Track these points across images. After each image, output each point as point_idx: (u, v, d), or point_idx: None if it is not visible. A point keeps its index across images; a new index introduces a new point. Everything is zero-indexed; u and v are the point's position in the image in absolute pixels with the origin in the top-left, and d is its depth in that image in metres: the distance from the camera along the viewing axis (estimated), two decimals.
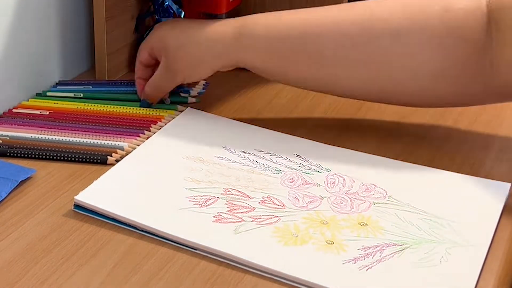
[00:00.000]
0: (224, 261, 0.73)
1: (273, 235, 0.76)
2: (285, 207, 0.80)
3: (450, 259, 0.73)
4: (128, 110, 0.98)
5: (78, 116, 0.96)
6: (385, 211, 0.80)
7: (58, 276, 0.70)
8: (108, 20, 1.05)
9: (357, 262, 0.72)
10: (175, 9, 1.11)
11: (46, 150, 0.89)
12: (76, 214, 0.79)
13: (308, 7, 1.16)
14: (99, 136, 0.92)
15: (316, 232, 0.76)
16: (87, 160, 0.88)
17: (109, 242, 0.75)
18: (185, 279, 0.70)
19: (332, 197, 0.82)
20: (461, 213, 0.79)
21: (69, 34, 1.08)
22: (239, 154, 0.89)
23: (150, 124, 0.95)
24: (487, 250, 0.74)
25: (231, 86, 1.08)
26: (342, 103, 1.03)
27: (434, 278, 0.70)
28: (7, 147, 0.89)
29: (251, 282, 0.70)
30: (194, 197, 0.81)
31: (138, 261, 0.72)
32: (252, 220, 0.78)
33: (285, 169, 0.87)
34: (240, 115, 1.00)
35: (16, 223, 0.77)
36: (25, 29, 0.99)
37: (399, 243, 0.75)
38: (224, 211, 0.79)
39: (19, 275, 0.70)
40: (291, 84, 0.97)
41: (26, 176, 0.84)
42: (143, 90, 0.99)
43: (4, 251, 0.73)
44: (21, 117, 0.96)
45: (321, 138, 0.94)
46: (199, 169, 0.86)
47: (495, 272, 0.72)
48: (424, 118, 1.00)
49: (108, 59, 1.07)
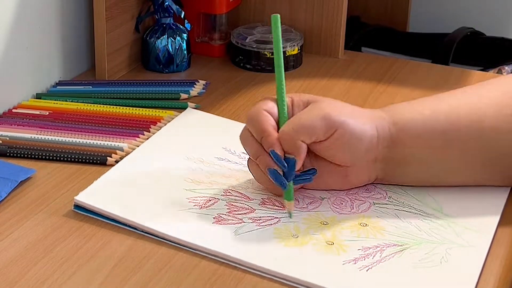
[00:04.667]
0: (224, 261, 0.72)
1: (273, 236, 0.75)
2: (285, 208, 0.80)
3: (450, 260, 0.73)
4: (128, 111, 0.98)
5: (78, 117, 0.96)
6: (385, 212, 0.80)
7: (58, 276, 0.70)
8: (108, 20, 1.05)
9: (357, 263, 0.72)
10: (175, 9, 1.11)
11: (46, 150, 0.89)
12: (76, 214, 0.79)
13: (308, 7, 1.17)
14: (99, 137, 0.92)
15: (316, 233, 0.76)
16: (87, 161, 0.88)
17: (109, 242, 0.75)
18: (185, 279, 0.70)
19: (332, 197, 0.82)
20: (461, 213, 0.79)
21: (69, 34, 1.08)
22: (239, 155, 0.89)
23: (150, 125, 0.95)
24: (487, 250, 0.74)
25: (231, 86, 1.08)
26: None
27: (434, 279, 0.70)
28: (7, 147, 0.89)
29: (251, 282, 0.70)
30: (194, 198, 0.81)
31: (138, 261, 0.72)
32: (252, 222, 0.78)
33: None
34: (240, 115, 1.00)
35: (16, 223, 0.77)
36: (25, 29, 0.99)
37: (399, 243, 0.75)
38: (224, 212, 0.79)
39: (19, 275, 0.70)
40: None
41: (26, 176, 0.84)
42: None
43: (4, 251, 0.73)
44: (21, 117, 0.96)
45: None
46: (199, 170, 0.86)
47: (495, 272, 0.72)
48: None
49: (108, 59, 1.07)
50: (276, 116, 0.79)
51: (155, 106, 1.01)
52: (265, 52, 1.12)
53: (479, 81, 1.10)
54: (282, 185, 0.78)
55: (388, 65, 1.16)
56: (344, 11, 1.15)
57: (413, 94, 1.06)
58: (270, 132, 0.78)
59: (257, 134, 0.78)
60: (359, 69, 1.14)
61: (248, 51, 1.12)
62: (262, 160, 0.78)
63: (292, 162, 0.77)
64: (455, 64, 1.27)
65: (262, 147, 0.78)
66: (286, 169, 0.77)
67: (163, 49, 1.10)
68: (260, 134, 0.78)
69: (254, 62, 1.12)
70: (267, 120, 0.78)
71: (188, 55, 1.12)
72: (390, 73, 1.13)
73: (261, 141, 0.78)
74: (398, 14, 1.44)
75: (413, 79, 1.11)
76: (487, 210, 0.80)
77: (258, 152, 0.78)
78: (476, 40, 1.33)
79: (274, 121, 0.79)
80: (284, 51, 1.12)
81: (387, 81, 1.11)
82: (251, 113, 0.79)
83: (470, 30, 1.34)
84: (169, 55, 1.11)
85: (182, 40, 1.11)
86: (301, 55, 1.15)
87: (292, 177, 0.78)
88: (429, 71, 1.14)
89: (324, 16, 1.16)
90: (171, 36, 1.11)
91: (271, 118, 0.79)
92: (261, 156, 0.78)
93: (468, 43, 1.32)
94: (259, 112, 0.79)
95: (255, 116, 0.79)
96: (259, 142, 0.78)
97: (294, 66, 1.14)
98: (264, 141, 0.78)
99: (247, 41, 1.13)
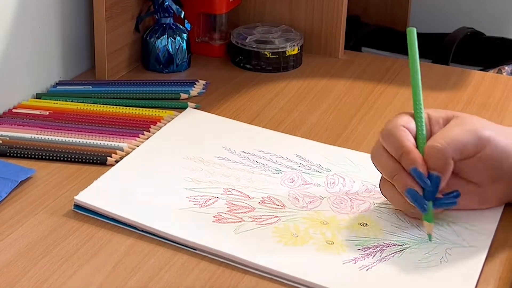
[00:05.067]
0: (224, 261, 0.72)
1: (273, 235, 0.76)
2: (285, 207, 0.80)
3: (450, 260, 0.73)
4: (128, 111, 0.98)
5: (78, 117, 0.96)
6: (385, 212, 0.80)
7: (58, 276, 0.70)
8: (108, 20, 1.05)
9: (357, 262, 0.72)
10: (175, 9, 1.11)
11: (46, 150, 0.89)
12: (76, 214, 0.79)
13: (308, 7, 1.17)
14: (99, 137, 0.92)
15: (316, 232, 0.76)
16: (87, 161, 0.88)
17: (109, 242, 0.75)
18: (185, 279, 0.70)
19: (332, 197, 0.82)
20: (461, 213, 0.79)
21: (69, 34, 1.08)
22: (239, 154, 0.89)
23: (150, 125, 0.95)
24: (487, 251, 0.74)
25: (231, 86, 1.08)
26: (342, 103, 1.04)
27: (434, 279, 0.70)
28: (7, 147, 0.89)
29: (251, 282, 0.70)
30: (194, 197, 0.81)
31: (138, 261, 0.72)
32: (252, 220, 0.78)
33: (285, 169, 0.87)
34: (240, 115, 1.00)
35: (16, 223, 0.77)
36: (25, 29, 0.99)
37: (399, 243, 0.75)
38: (224, 211, 0.79)
39: (19, 275, 0.70)
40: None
41: (26, 176, 0.84)
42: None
43: (4, 251, 0.73)
44: (21, 117, 0.96)
45: (321, 138, 0.94)
46: (199, 169, 0.86)
47: (495, 273, 0.72)
48: None
49: (108, 59, 1.07)
50: (414, 132, 0.74)
51: (155, 106, 1.01)
52: (265, 52, 1.12)
53: (479, 81, 1.10)
54: (422, 208, 0.72)
55: (388, 65, 1.16)
56: (344, 11, 1.15)
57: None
58: (411, 149, 0.72)
59: (396, 151, 0.73)
60: (359, 69, 1.14)
61: (248, 51, 1.12)
62: (399, 180, 0.73)
63: (436, 180, 0.72)
64: (455, 64, 1.27)
65: (399, 165, 0.73)
66: (430, 187, 0.72)
67: (163, 49, 1.10)
68: (399, 151, 0.73)
69: (254, 62, 1.12)
70: (406, 136, 0.73)
71: (188, 55, 1.12)
72: (390, 73, 1.13)
73: (400, 158, 0.72)
74: (398, 14, 1.44)
75: None
76: (487, 211, 0.80)
77: (395, 171, 0.73)
78: (476, 40, 1.33)
79: (413, 137, 0.74)
80: (284, 51, 1.12)
81: (387, 81, 1.11)
82: (388, 128, 0.74)
83: (470, 30, 1.34)
84: (169, 55, 1.11)
85: (182, 40, 1.11)
86: (301, 55, 1.15)
87: (433, 197, 0.72)
88: (429, 71, 1.13)
89: (324, 16, 1.16)
90: (171, 36, 1.11)
91: (409, 134, 0.74)
92: (399, 175, 0.73)
93: (468, 43, 1.32)
94: (397, 127, 0.74)
95: (393, 131, 0.73)
96: (397, 160, 0.73)
97: (294, 66, 1.14)
98: (404, 158, 0.72)
99: (247, 41, 1.13)
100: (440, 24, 1.45)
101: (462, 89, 1.08)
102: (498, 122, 0.99)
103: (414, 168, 0.72)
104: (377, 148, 0.75)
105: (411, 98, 0.86)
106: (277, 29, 1.16)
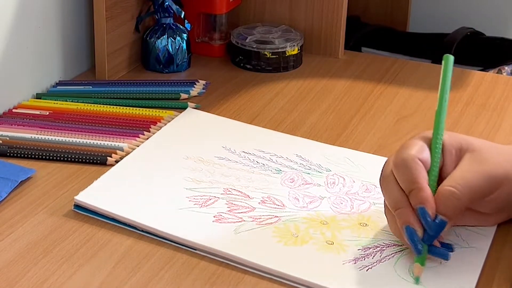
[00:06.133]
0: (224, 261, 0.72)
1: (273, 235, 0.76)
2: (285, 207, 0.80)
3: (450, 260, 0.72)
4: (128, 111, 0.98)
5: (78, 117, 0.96)
6: None
7: (58, 276, 0.70)
8: (108, 20, 1.05)
9: (357, 262, 0.72)
10: (175, 9, 1.11)
11: (46, 150, 0.89)
12: (76, 214, 0.79)
13: (308, 7, 1.17)
14: (99, 137, 0.92)
15: (316, 232, 0.76)
16: (87, 161, 0.88)
17: (109, 242, 0.75)
18: (185, 279, 0.70)
19: (332, 197, 0.82)
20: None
21: (69, 34, 1.08)
22: (239, 154, 0.89)
23: (150, 125, 0.95)
24: (487, 251, 0.74)
25: (231, 86, 1.08)
26: (342, 103, 1.04)
27: (434, 279, 0.70)
28: (7, 147, 0.89)
29: (251, 282, 0.70)
30: (194, 197, 0.81)
31: (138, 261, 0.72)
32: (252, 220, 0.78)
33: (285, 169, 0.87)
34: (240, 115, 1.00)
35: (16, 223, 0.77)
36: (25, 29, 0.99)
37: (399, 243, 0.75)
38: (224, 211, 0.79)
39: (19, 275, 0.70)
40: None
41: (26, 176, 0.84)
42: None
43: (4, 251, 0.73)
44: (21, 117, 0.96)
45: (321, 138, 0.94)
46: (199, 169, 0.86)
47: (495, 273, 0.72)
48: (424, 118, 1.00)
49: (108, 59, 1.07)
50: (427, 164, 0.70)
51: (155, 106, 1.01)
52: (265, 52, 1.12)
53: (479, 81, 1.10)
54: (416, 250, 0.68)
55: (388, 65, 1.16)
56: (344, 11, 1.15)
57: (413, 94, 1.06)
58: (423, 187, 0.68)
59: (407, 185, 0.69)
60: (359, 69, 1.14)
61: (248, 51, 1.12)
62: (402, 215, 0.69)
63: (442, 224, 0.68)
64: (455, 64, 1.27)
65: (406, 199, 0.69)
66: (432, 232, 0.68)
67: (163, 49, 1.10)
68: (410, 186, 0.69)
69: (254, 62, 1.12)
70: (420, 170, 0.69)
71: (188, 55, 1.12)
72: (390, 73, 1.13)
73: (410, 193, 0.69)
74: (398, 14, 1.44)
75: (413, 79, 1.11)
76: None
77: (400, 204, 0.69)
78: (476, 40, 1.33)
79: (426, 171, 0.70)
80: (284, 51, 1.12)
81: (387, 81, 1.11)
82: (402, 158, 0.69)
83: (470, 30, 1.34)
84: (169, 55, 1.11)
85: (182, 40, 1.11)
86: (301, 55, 1.15)
87: (431, 241, 0.69)
88: (429, 71, 1.13)
89: (324, 16, 1.16)
90: (171, 36, 1.11)
91: (423, 168, 0.69)
92: (403, 209, 0.69)
93: (468, 43, 1.32)
94: (413, 160, 0.69)
95: (407, 163, 0.69)
96: (405, 193, 0.69)
97: (294, 66, 1.14)
98: (415, 195, 0.68)
99: (247, 41, 1.13)
100: (440, 25, 1.45)
101: (462, 89, 1.08)
102: (498, 122, 0.99)
103: (422, 208, 0.68)
104: (387, 174, 0.71)
105: (411, 98, 0.87)
106: (277, 29, 1.16)
